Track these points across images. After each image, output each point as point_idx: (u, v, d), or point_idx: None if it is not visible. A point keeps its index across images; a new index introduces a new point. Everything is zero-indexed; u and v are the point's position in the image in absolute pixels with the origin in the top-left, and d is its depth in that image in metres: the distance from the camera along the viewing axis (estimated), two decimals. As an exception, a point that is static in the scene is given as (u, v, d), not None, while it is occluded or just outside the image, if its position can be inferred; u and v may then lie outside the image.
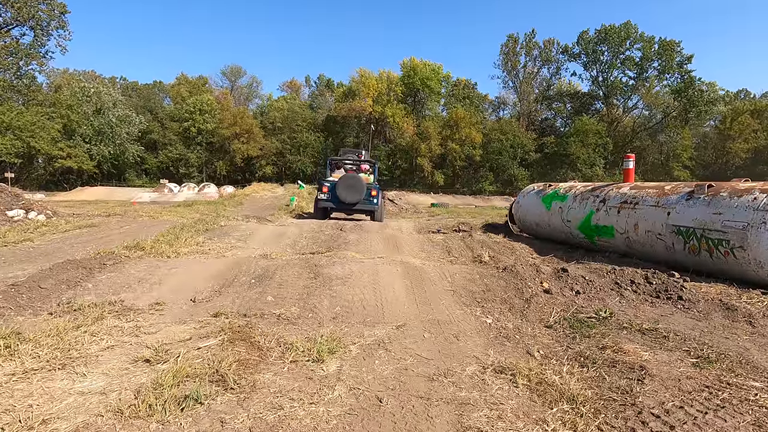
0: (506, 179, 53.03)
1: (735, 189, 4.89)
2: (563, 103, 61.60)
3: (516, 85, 62.58)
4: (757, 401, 1.98)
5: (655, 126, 55.97)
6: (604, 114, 56.89)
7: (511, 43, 60.77)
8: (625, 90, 56.88)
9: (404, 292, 3.77)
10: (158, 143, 53.88)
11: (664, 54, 53.15)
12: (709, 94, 53.55)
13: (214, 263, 4.53)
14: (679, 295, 3.93)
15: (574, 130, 52.35)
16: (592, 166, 51.55)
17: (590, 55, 56.50)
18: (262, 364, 2.30)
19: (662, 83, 54.97)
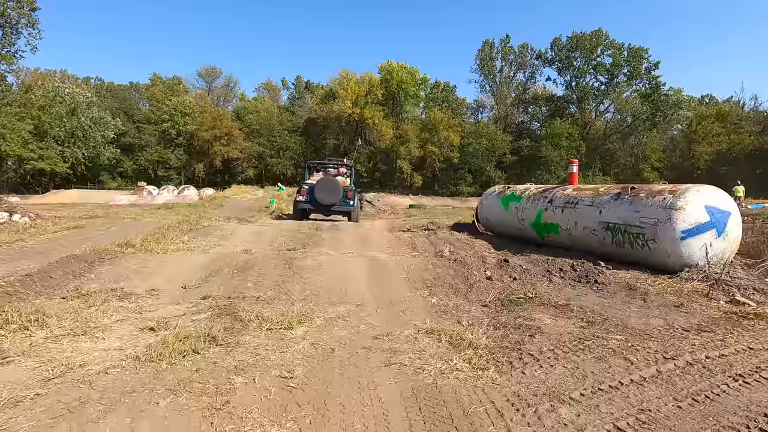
0: (484, 181, 54.30)
1: (651, 191, 5.75)
2: (539, 106, 63.40)
3: (493, 89, 64.27)
4: (608, 346, 2.72)
5: (625, 129, 58.17)
6: (577, 117, 58.84)
7: (487, 48, 62.41)
8: (597, 94, 59.00)
9: (366, 279, 4.44)
10: (134, 146, 53.13)
11: (633, 60, 55.46)
12: (675, 99, 56.07)
13: (200, 257, 5.11)
14: (595, 279, 4.71)
15: (547, 133, 54.12)
16: (566, 168, 53.32)
17: (563, 60, 58.39)
18: (244, 331, 2.92)
19: (631, 88, 57.35)
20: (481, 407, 1.89)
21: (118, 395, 1.95)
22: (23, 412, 1.78)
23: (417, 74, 56.65)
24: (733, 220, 5.23)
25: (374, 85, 53.25)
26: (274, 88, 71.10)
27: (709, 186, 5.49)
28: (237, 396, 1.97)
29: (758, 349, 2.74)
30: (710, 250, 5.06)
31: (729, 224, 5.18)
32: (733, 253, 5.40)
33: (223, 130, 51.68)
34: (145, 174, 51.29)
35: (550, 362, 2.43)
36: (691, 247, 5.05)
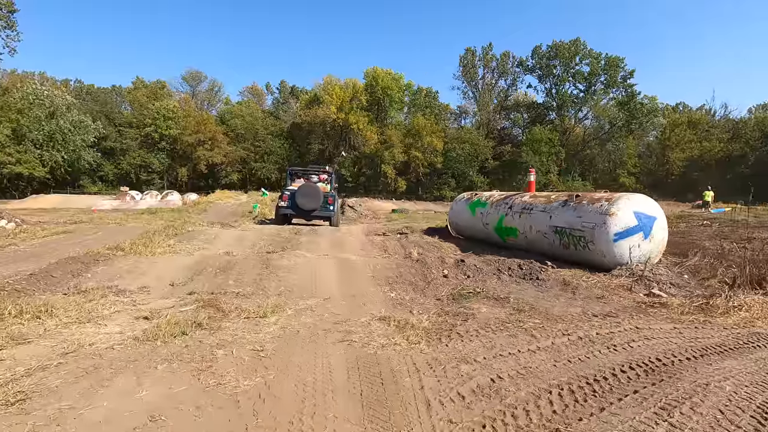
0: (467, 186, 55.38)
1: (592, 198, 6.48)
2: (520, 113, 64.96)
3: (475, 95, 65.67)
4: (524, 327, 3.36)
5: (603, 136, 59.98)
6: (557, 124, 60.48)
7: (470, 56, 63.83)
8: (576, 102, 60.79)
9: (335, 277, 5.02)
10: (116, 150, 52.65)
11: (610, 69, 57.45)
12: (649, 107, 58.13)
13: (186, 259, 5.62)
14: (537, 277, 5.39)
15: (528, 139, 55.56)
16: (546, 173, 54.86)
17: (544, 68, 60.09)
18: (225, 319, 3.47)
19: (608, 96, 59.33)
20: (405, 367, 2.49)
21: (123, 363, 2.49)
22: (51, 374, 2.31)
23: (401, 80, 57.67)
24: (658, 224, 5.98)
25: (358, 90, 54.00)
26: (258, 93, 71.22)
27: (638, 194, 6.25)
28: (218, 363, 2.54)
29: (643, 329, 3.41)
30: (638, 250, 5.80)
31: (654, 228, 5.92)
32: (659, 253, 6.15)
33: (206, 134, 51.70)
34: (127, 178, 50.92)
35: (471, 338, 3.06)
36: (622, 248, 5.78)
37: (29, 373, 2.31)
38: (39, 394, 2.08)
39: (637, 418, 1.89)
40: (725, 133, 59.27)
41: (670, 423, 1.84)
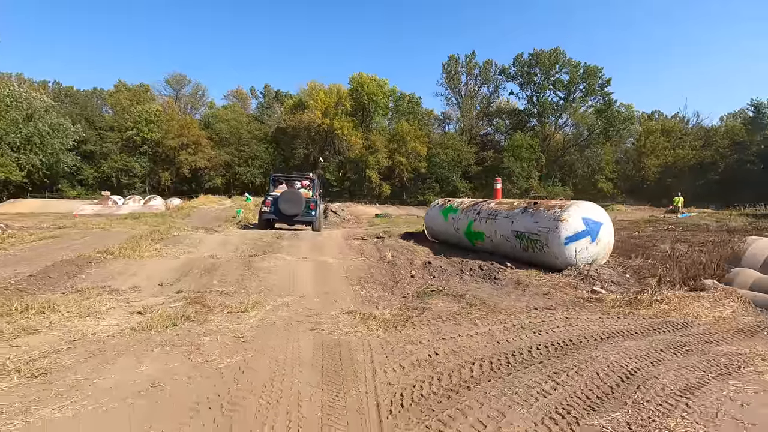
0: (450, 190, 56.35)
1: (548, 205, 7.13)
2: (502, 119, 66.38)
3: (459, 102, 66.92)
4: (471, 318, 3.92)
5: (582, 142, 61.70)
6: (538, 130, 62.03)
7: (453, 63, 65.13)
8: (556, 109, 62.50)
9: (311, 277, 5.52)
10: (96, 153, 51.95)
11: (588, 78, 59.32)
12: (626, 114, 60.10)
13: (173, 262, 6.04)
14: (495, 276, 5.99)
15: (509, 145, 56.88)
16: (528, 179, 56.23)
17: (525, 76, 61.67)
18: (210, 314, 3.94)
19: (587, 104, 61.20)
20: (361, 347, 3.02)
21: (123, 347, 2.95)
22: (63, 356, 2.76)
23: (386, 86, 58.50)
24: (604, 229, 6.65)
25: (343, 96, 54.57)
26: (243, 97, 71.17)
27: (587, 202, 6.92)
28: (205, 346, 3.02)
29: (571, 318, 4.00)
30: (586, 252, 6.45)
31: (601, 232, 6.59)
32: (606, 255, 6.82)
33: (190, 138, 51.49)
34: (108, 182, 50.32)
35: (422, 326, 3.60)
36: (572, 250, 6.42)
37: (44, 356, 2.75)
38: (56, 369, 2.54)
39: (533, 379, 2.45)
40: (697, 140, 61.63)
41: (556, 381, 2.40)
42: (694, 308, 4.53)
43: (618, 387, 2.35)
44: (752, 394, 2.34)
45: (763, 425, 1.96)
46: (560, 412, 2.04)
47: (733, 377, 2.63)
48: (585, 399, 2.20)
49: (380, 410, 2.10)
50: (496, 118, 66.31)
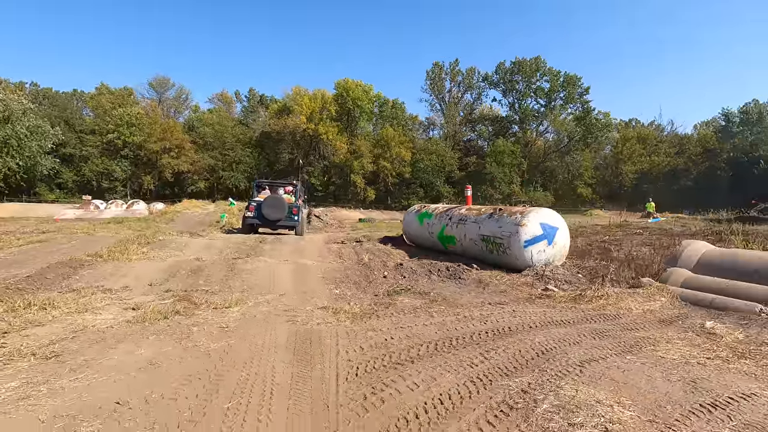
0: (435, 195, 57.24)
1: (511, 211, 7.76)
2: (485, 126, 67.70)
3: (442, 108, 68.08)
4: (429, 311, 4.46)
5: (562, 148, 63.33)
6: (520, 137, 63.49)
7: (437, 70, 66.33)
8: (537, 116, 64.14)
9: (290, 278, 6.01)
10: (75, 156, 51.19)
11: (568, 86, 61.10)
12: (604, 122, 61.99)
13: (160, 264, 6.45)
14: (460, 276, 6.56)
15: (491, 151, 58.10)
16: (510, 184, 57.49)
17: (507, 84, 63.17)
18: (197, 309, 4.39)
19: (566, 111, 62.95)
20: (329, 334, 3.53)
21: (122, 336, 3.40)
22: (70, 343, 3.20)
23: (371, 91, 59.23)
24: (560, 233, 7.30)
25: (327, 101, 55.05)
26: (228, 100, 70.99)
27: (545, 208, 7.58)
28: (194, 335, 3.48)
29: (518, 311, 4.58)
30: (543, 254, 7.09)
31: (557, 236, 7.24)
32: (562, 257, 7.47)
33: (173, 141, 51.19)
34: (88, 186, 49.63)
35: (385, 318, 4.13)
36: (531, 253, 7.05)
37: (53, 343, 3.19)
38: (66, 353, 2.98)
39: (467, 355, 3.00)
40: (672, 148, 63.87)
41: (485, 357, 2.96)
42: (628, 303, 5.16)
43: (532, 360, 2.92)
44: (639, 365, 2.93)
45: (626, 384, 2.54)
46: (480, 378, 2.59)
47: (632, 354, 3.23)
48: (504, 368, 2.76)
49: (338, 378, 2.62)
50: (479, 124, 67.64)
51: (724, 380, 2.73)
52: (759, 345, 3.59)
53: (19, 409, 2.15)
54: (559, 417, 2.07)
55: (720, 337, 3.83)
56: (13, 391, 2.33)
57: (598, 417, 2.08)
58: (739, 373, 2.92)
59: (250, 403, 2.26)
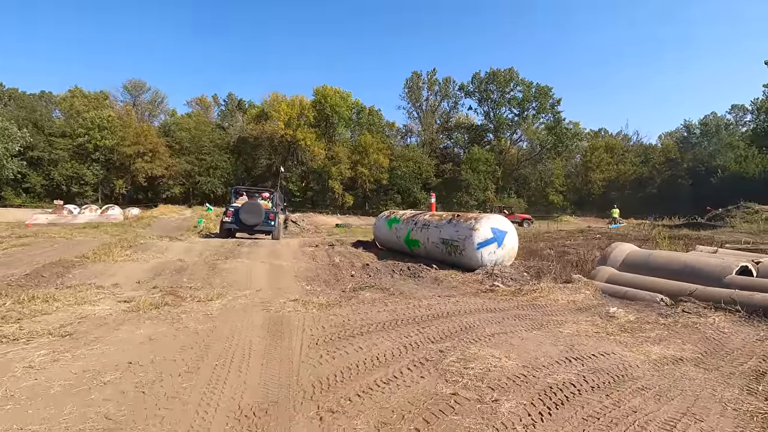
0: (412, 201, 58.38)
1: (467, 217, 8.66)
2: (461, 133, 69.51)
3: (420, 115, 69.58)
4: (385, 302, 5.25)
5: (535, 157, 65.57)
6: (495, 145, 65.45)
7: (415, 79, 67.88)
8: (511, 125, 66.33)
9: (266, 276, 6.69)
10: (44, 160, 49.93)
11: (540, 97, 63.49)
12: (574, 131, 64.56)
13: (145, 265, 7.03)
14: (419, 275, 7.38)
15: (467, 158, 59.74)
16: (484, 191, 59.21)
17: (482, 93, 65.16)
18: (183, 302, 5.04)
19: (539, 121, 65.31)
20: (297, 319, 4.26)
21: (121, 321, 4.05)
22: (78, 326, 3.82)
23: (349, 98, 60.12)
24: (509, 236, 8.24)
25: (305, 107, 55.61)
26: (206, 105, 70.57)
27: (496, 215, 8.53)
28: (183, 320, 4.16)
29: (460, 302, 5.41)
30: (494, 255, 8.00)
31: (506, 239, 8.17)
32: (511, 258, 8.41)
33: (147, 145, 50.61)
34: (57, 190, 48.53)
35: (347, 307, 4.89)
36: (483, 254, 7.94)
37: (63, 326, 3.81)
38: (77, 333, 3.62)
39: (407, 331, 3.79)
40: (637, 157, 67.03)
41: (420, 331, 3.76)
42: (557, 295, 6.07)
43: (456, 333, 3.73)
44: (538, 336, 3.79)
45: (519, 347, 3.38)
46: (411, 344, 3.38)
47: (538, 330, 4.09)
48: (431, 338, 3.56)
49: (302, 346, 3.36)
50: (455, 132, 69.43)
51: (597, 345, 3.61)
52: (642, 323, 4.52)
53: (54, 367, 2.80)
54: (459, 364, 2.89)
55: (617, 319, 4.75)
56: (44, 357, 2.98)
57: (488, 364, 2.90)
58: (614, 342, 3.82)
59: (233, 362, 2.98)
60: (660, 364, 3.27)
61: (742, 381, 2.96)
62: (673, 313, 4.94)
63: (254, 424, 2.16)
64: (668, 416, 2.34)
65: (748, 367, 3.25)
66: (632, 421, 2.25)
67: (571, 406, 2.40)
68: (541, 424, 2.19)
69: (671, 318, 4.72)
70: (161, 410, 2.27)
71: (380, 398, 2.44)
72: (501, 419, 2.21)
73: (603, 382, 2.77)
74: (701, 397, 2.63)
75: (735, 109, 69.04)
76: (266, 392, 2.52)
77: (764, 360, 3.39)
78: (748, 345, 3.76)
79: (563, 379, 2.75)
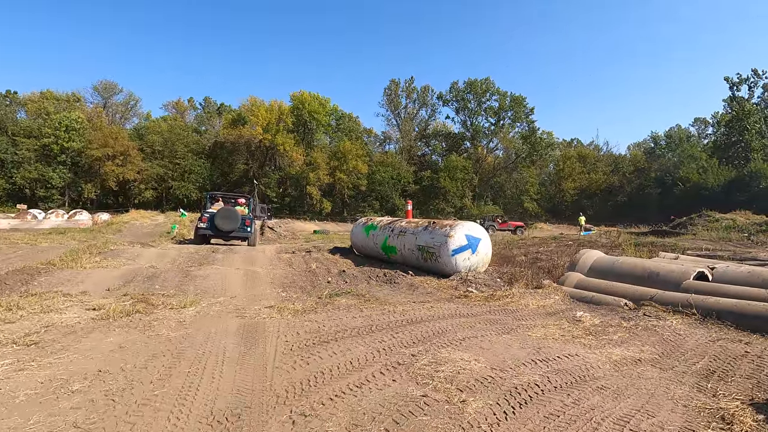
0: (390, 208, 58.60)
1: (442, 224, 8.82)
2: (438, 141, 70.43)
3: (398, 123, 70.21)
4: (360, 309, 5.31)
5: (510, 165, 66.96)
6: (471, 153, 66.55)
7: (393, 87, 68.56)
8: (487, 134, 67.64)
9: (241, 283, 6.65)
10: (6, 162, 47.72)
11: (515, 106, 65.05)
12: (548, 141, 66.32)
13: (115, 272, 6.86)
14: (394, 281, 7.47)
15: (445, 166, 60.55)
16: (462, 198, 60.05)
17: (459, 102, 66.33)
18: (156, 309, 4.97)
19: (514, 130, 66.86)
20: (272, 326, 4.27)
21: (90, 329, 3.96)
22: (45, 335, 3.73)
23: (328, 104, 60.12)
24: (482, 243, 8.44)
25: (284, 112, 55.23)
26: (183, 108, 69.15)
27: (470, 222, 8.72)
28: (155, 327, 4.10)
29: (434, 308, 5.52)
30: (468, 261, 8.17)
31: (479, 246, 8.36)
32: (485, 264, 8.61)
33: (117, 148, 49.04)
34: (20, 194, 46.44)
35: (321, 314, 4.92)
36: (457, 260, 8.11)
37: (28, 335, 3.71)
38: (44, 342, 3.53)
39: (380, 337, 3.87)
40: (608, 166, 69.31)
41: (393, 336, 3.84)
42: (528, 300, 6.27)
43: (428, 338, 3.84)
44: (507, 340, 3.93)
45: (489, 350, 3.51)
46: (384, 349, 3.46)
47: (508, 334, 4.23)
48: (405, 343, 3.65)
49: (277, 352, 3.39)
50: (433, 139, 70.30)
51: (563, 348, 3.78)
52: (606, 327, 4.74)
53: (20, 376, 2.74)
54: (430, 367, 2.98)
55: (582, 322, 4.96)
56: (9, 366, 2.91)
57: (457, 367, 3.01)
58: (579, 344, 4.00)
59: (206, 368, 2.99)
60: (620, 365, 3.45)
61: (693, 379, 3.17)
62: (635, 316, 5.19)
63: (227, 429, 2.19)
64: (623, 413, 2.49)
65: (700, 366, 3.47)
66: (589, 418, 2.39)
67: (534, 405, 2.52)
68: (505, 423, 2.30)
69: (633, 321, 4.97)
70: (132, 417, 2.27)
71: (352, 401, 2.51)
72: (467, 419, 2.31)
73: (566, 382, 2.91)
74: (655, 395, 2.81)
75: (697, 122, 72.65)
76: (239, 398, 2.55)
77: (714, 359, 3.63)
78: (701, 346, 4.01)
79: (528, 380, 2.88)
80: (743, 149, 53.35)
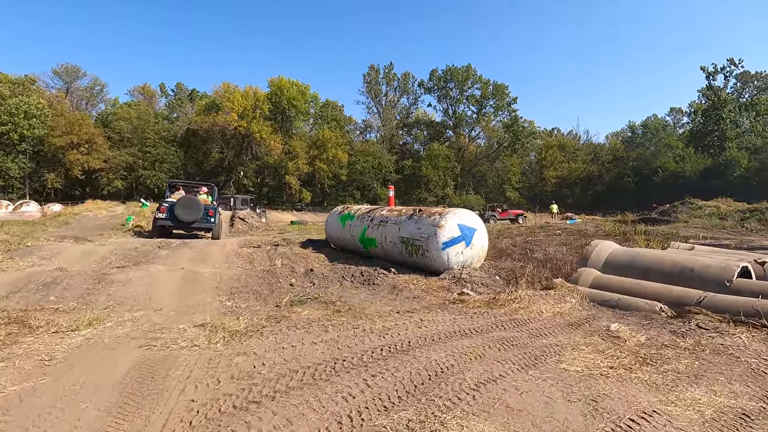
0: (371, 197, 57.12)
1: (430, 212, 7.47)
2: (420, 130, 69.10)
3: (379, 111, 68.45)
4: (325, 325, 3.91)
5: (492, 154, 66.29)
6: (454, 141, 65.50)
7: (373, 73, 66.57)
8: (469, 122, 66.62)
9: (175, 290, 5.15)
10: (-43, 151, 44.14)
11: (497, 95, 64.09)
12: (529, 130, 65.77)
13: (10, 276, 5.27)
14: (373, 282, 6.10)
15: (427, 155, 59.32)
16: (444, 187, 59.03)
17: (441, 90, 64.97)
18: (29, 335, 3.45)
19: (497, 119, 66.03)
20: (185, 363, 2.84)
21: None
22: None
23: (307, 91, 57.75)
24: (478, 234, 7.13)
25: (260, 99, 52.75)
26: (150, 94, 65.58)
27: (463, 209, 7.39)
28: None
29: (425, 320, 4.17)
30: (461, 256, 6.85)
31: (475, 237, 7.05)
32: (480, 258, 7.31)
33: (82, 136, 45.92)
34: (-26, 185, 43.06)
35: (269, 336, 3.51)
36: (449, 255, 6.78)
37: None
38: None
39: (347, 383, 2.49)
40: (587, 155, 69.41)
41: (367, 384, 2.47)
42: (540, 305, 4.99)
43: (422, 385, 2.47)
44: (539, 383, 2.60)
45: (521, 411, 2.18)
46: (352, 416, 2.08)
47: (535, 368, 2.91)
48: (386, 398, 2.28)
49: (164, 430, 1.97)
50: (415, 128, 68.89)
51: (624, 395, 2.47)
52: (659, 348, 3.48)
53: None
54: (430, 472, 1.61)
55: (624, 341, 3.69)
56: None
57: (480, 467, 1.65)
58: (640, 384, 2.70)
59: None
60: (722, 427, 2.18)
61: None
62: (688, 330, 3.95)
63: None
64: None
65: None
66: None
67: None
68: None
69: (690, 338, 3.72)
70: None
71: None
72: None
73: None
74: None
75: (673, 112, 73.26)
76: None
77: None
78: (811, 381, 2.78)
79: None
80: (718, 138, 53.82)
